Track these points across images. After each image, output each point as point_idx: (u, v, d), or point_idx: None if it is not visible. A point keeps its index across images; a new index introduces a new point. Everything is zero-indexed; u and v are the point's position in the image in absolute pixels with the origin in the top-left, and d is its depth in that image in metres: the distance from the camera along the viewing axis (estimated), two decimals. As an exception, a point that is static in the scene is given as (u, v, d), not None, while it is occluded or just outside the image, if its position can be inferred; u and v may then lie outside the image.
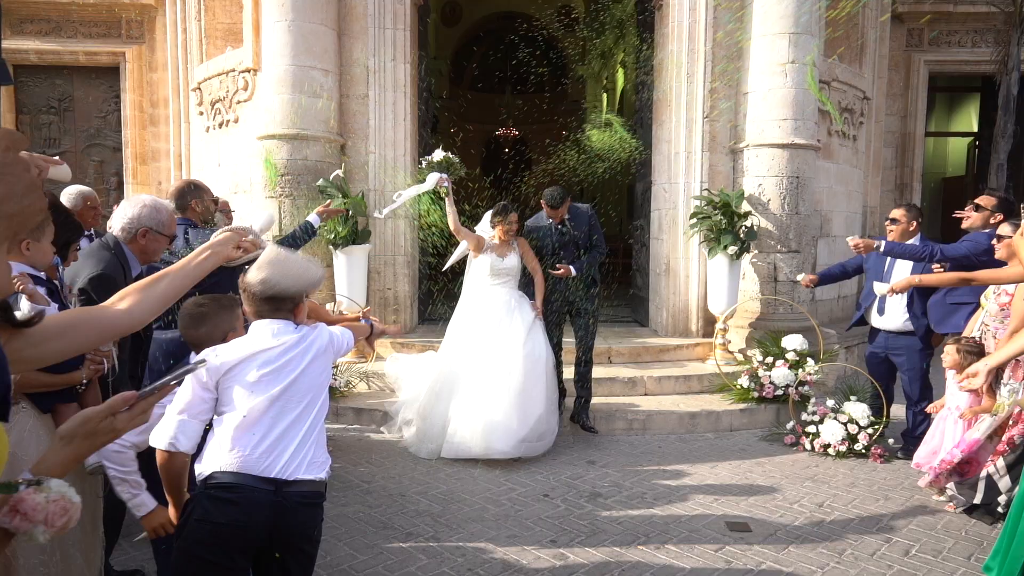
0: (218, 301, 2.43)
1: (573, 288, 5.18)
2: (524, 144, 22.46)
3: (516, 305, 5.01)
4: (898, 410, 5.26)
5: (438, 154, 5.20)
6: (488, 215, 5.19)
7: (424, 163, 5.31)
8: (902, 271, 4.81)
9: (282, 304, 2.13)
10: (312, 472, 2.02)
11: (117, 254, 2.80)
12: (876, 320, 4.99)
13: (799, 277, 5.32)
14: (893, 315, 4.85)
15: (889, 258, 4.92)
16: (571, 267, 5.12)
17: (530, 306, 5.07)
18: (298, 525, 2.00)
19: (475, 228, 5.23)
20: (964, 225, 4.66)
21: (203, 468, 1.98)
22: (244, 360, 2.03)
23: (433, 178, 5.10)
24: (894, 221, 4.90)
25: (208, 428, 2.07)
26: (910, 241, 4.88)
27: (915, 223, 4.87)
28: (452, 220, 5.01)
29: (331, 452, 5.13)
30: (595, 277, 5.30)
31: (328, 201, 4.98)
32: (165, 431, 1.96)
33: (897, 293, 4.58)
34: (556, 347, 5.27)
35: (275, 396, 2.01)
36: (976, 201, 4.65)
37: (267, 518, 1.93)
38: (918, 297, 4.75)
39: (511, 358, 4.79)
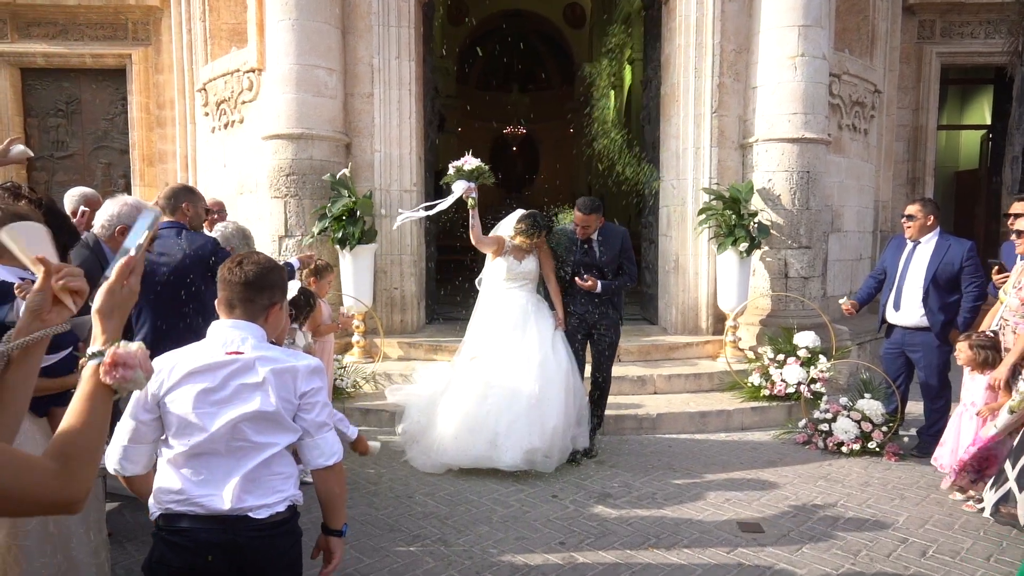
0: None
1: (591, 310, 4.81)
2: (532, 142, 22.44)
3: (533, 310, 4.74)
4: (913, 407, 5.18)
5: (471, 162, 4.81)
6: (513, 218, 4.85)
7: (452, 169, 4.87)
8: (918, 268, 4.73)
9: (258, 296, 1.93)
10: (265, 510, 1.85)
11: (96, 252, 2.78)
12: (892, 316, 4.91)
13: (841, 301, 5.15)
14: (909, 311, 4.76)
15: (905, 255, 4.83)
16: (599, 282, 4.74)
17: (549, 314, 4.79)
18: (261, 557, 1.86)
19: (493, 229, 4.96)
20: (1019, 251, 4.41)
21: (153, 507, 1.87)
22: (184, 379, 1.83)
23: (460, 187, 4.78)
24: (911, 217, 4.77)
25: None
26: (928, 236, 4.77)
27: (932, 217, 4.76)
28: (475, 234, 4.71)
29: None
30: (617, 304, 4.91)
31: (311, 254, 4.65)
32: (112, 455, 1.87)
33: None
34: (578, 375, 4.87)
35: (216, 435, 1.82)
36: (1016, 228, 4.36)
37: (223, 557, 1.82)
38: (934, 292, 4.65)
39: (525, 365, 4.52)
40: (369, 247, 6.40)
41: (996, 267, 4.50)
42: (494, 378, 4.54)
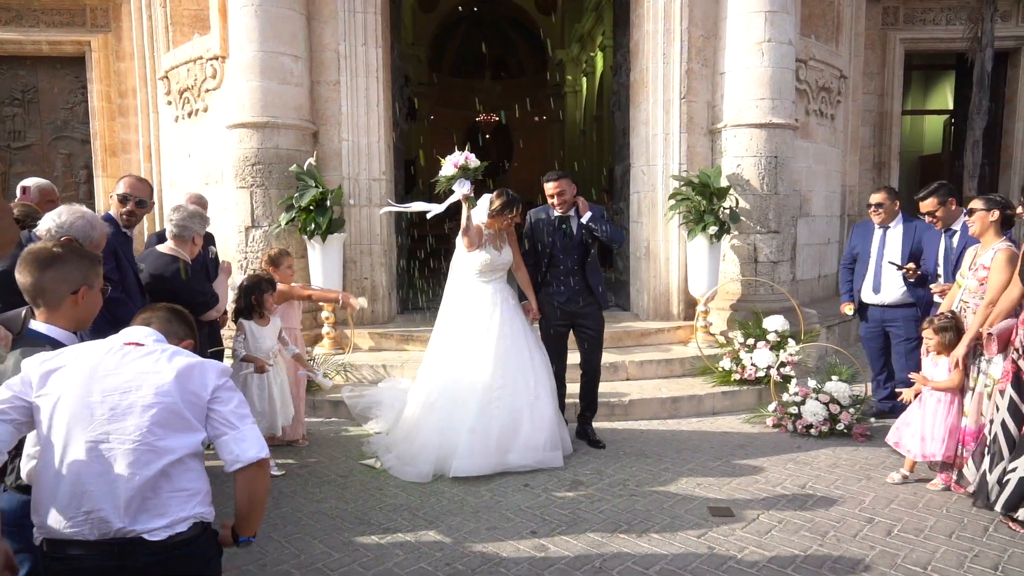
0: (77, 249, 2.09)
1: (572, 299, 4.66)
2: (506, 130, 22.32)
3: (514, 303, 4.58)
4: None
5: (473, 159, 4.53)
6: (487, 200, 4.51)
7: (455, 167, 4.52)
8: (894, 249, 4.88)
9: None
10: (163, 532, 1.67)
11: None
12: (870, 297, 5.04)
13: (845, 311, 5.29)
14: (890, 290, 4.94)
15: (877, 239, 4.99)
16: (589, 210, 4.54)
17: (518, 304, 4.63)
18: None
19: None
20: (972, 232, 4.54)
21: (37, 528, 1.69)
22: (61, 369, 1.69)
23: (465, 186, 4.49)
24: (879, 206, 4.97)
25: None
26: (894, 220, 4.96)
27: (897, 203, 4.99)
28: (469, 236, 4.48)
29: (309, 446, 5.00)
30: (596, 289, 4.70)
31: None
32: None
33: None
34: (560, 365, 4.78)
35: (96, 442, 1.64)
36: (971, 207, 4.52)
37: None
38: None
39: (518, 363, 4.39)
40: (338, 237, 6.30)
41: (909, 270, 4.71)
42: (494, 382, 4.34)
